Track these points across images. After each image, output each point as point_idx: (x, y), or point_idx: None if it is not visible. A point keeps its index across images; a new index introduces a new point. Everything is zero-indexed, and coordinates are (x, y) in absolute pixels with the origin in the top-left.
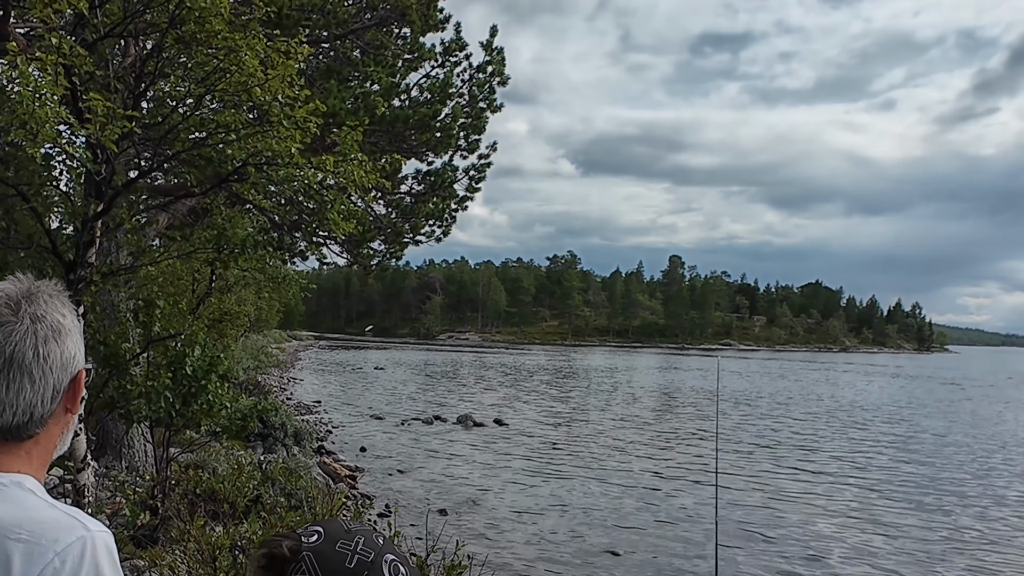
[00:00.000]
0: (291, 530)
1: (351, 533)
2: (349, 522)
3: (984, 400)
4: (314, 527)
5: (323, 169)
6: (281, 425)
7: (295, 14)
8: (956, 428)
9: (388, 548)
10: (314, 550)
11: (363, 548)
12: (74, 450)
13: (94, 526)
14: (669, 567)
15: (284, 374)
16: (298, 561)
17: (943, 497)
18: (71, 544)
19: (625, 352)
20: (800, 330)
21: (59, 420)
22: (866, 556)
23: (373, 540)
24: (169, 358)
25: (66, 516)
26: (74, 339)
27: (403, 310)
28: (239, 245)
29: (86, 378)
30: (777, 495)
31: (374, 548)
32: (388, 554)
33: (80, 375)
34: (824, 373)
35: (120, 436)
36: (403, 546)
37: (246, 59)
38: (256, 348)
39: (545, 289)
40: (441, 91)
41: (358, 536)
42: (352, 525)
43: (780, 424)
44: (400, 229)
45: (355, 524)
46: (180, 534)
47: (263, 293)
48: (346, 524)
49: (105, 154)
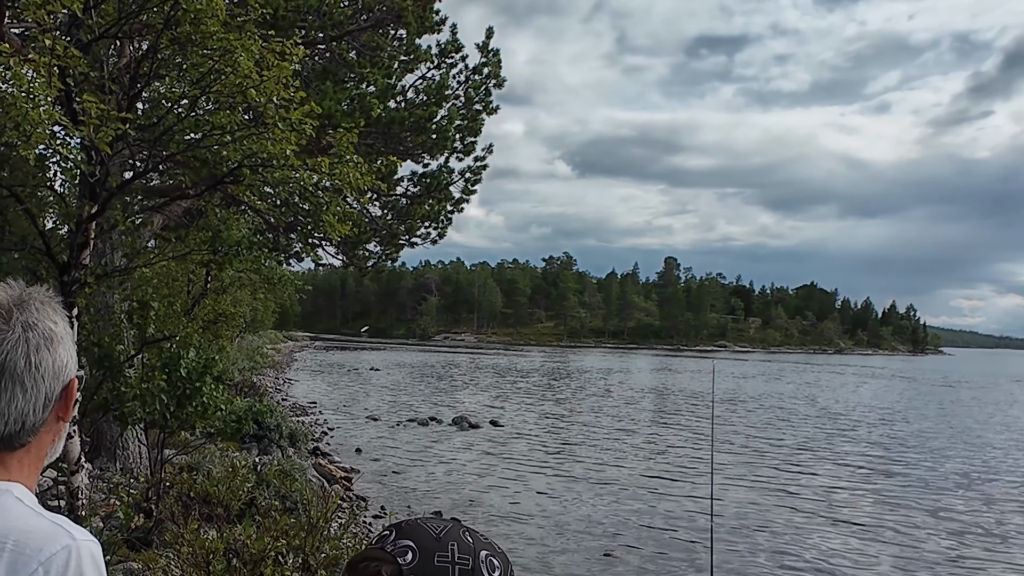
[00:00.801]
0: (378, 548)
1: (442, 541)
2: (431, 522)
3: (979, 402)
4: (403, 541)
5: (318, 171)
6: (276, 427)
7: (291, 15)
8: (952, 431)
9: (480, 544)
10: (414, 570)
11: (461, 556)
12: (68, 452)
13: (80, 535)
14: (666, 570)
15: (280, 375)
16: None
17: (938, 499)
18: (56, 553)
19: (620, 353)
20: (795, 332)
21: (51, 428)
22: (862, 559)
23: (465, 542)
24: (164, 360)
25: (52, 525)
26: (66, 347)
27: (399, 311)
28: (234, 246)
29: (78, 385)
30: (773, 498)
31: (470, 552)
32: (482, 551)
33: (72, 383)
34: (819, 375)
35: (115, 438)
36: None
37: (241, 60)
38: (252, 349)
39: (541, 290)
40: (437, 93)
41: (451, 543)
42: (438, 528)
43: (776, 427)
44: (395, 231)
45: (438, 523)
46: (174, 537)
47: (259, 294)
48: (432, 528)
49: (99, 156)
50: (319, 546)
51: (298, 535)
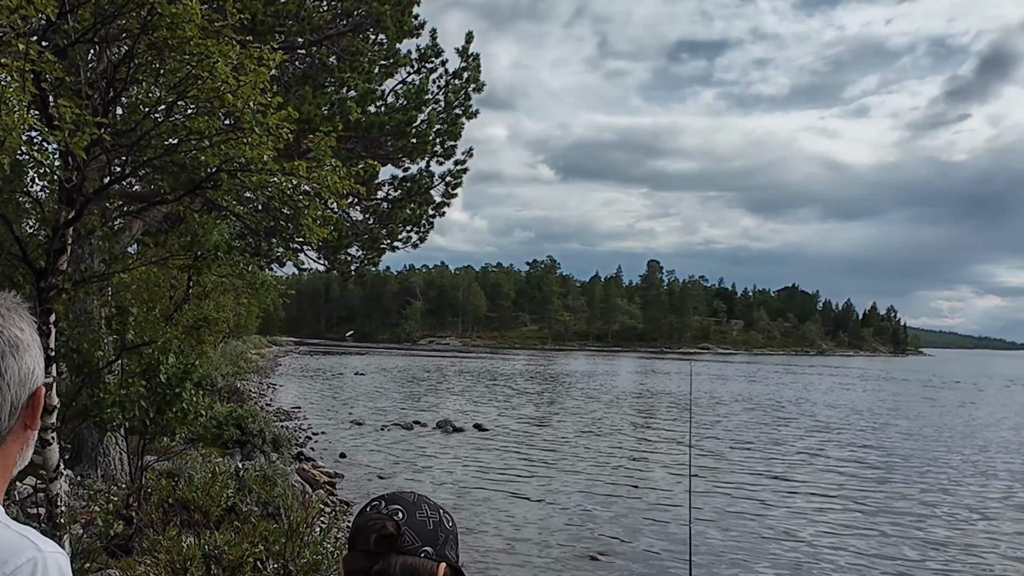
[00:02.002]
0: (375, 512)
1: (417, 503)
2: (404, 492)
3: (961, 404)
4: (392, 506)
5: (296, 175)
6: (259, 432)
7: (269, 20)
8: (935, 431)
9: (437, 504)
10: (406, 523)
11: (431, 511)
12: (46, 460)
13: (47, 546)
14: (649, 571)
15: (263, 380)
16: (401, 535)
17: (921, 499)
18: (21, 566)
19: (604, 356)
20: (777, 334)
21: (18, 437)
22: (841, 557)
23: (430, 502)
24: (143, 366)
25: (17, 536)
26: (32, 354)
27: (383, 315)
28: (212, 251)
29: (47, 392)
30: (751, 498)
31: (436, 509)
32: (440, 508)
33: (39, 391)
34: (801, 377)
35: (95, 444)
36: None
37: (218, 66)
38: (235, 354)
39: (525, 294)
40: (417, 97)
41: (423, 503)
42: (410, 495)
43: (756, 428)
44: (377, 235)
45: (408, 493)
46: (153, 544)
47: (242, 299)
48: (407, 496)
49: (76, 161)
50: (299, 551)
51: (278, 541)
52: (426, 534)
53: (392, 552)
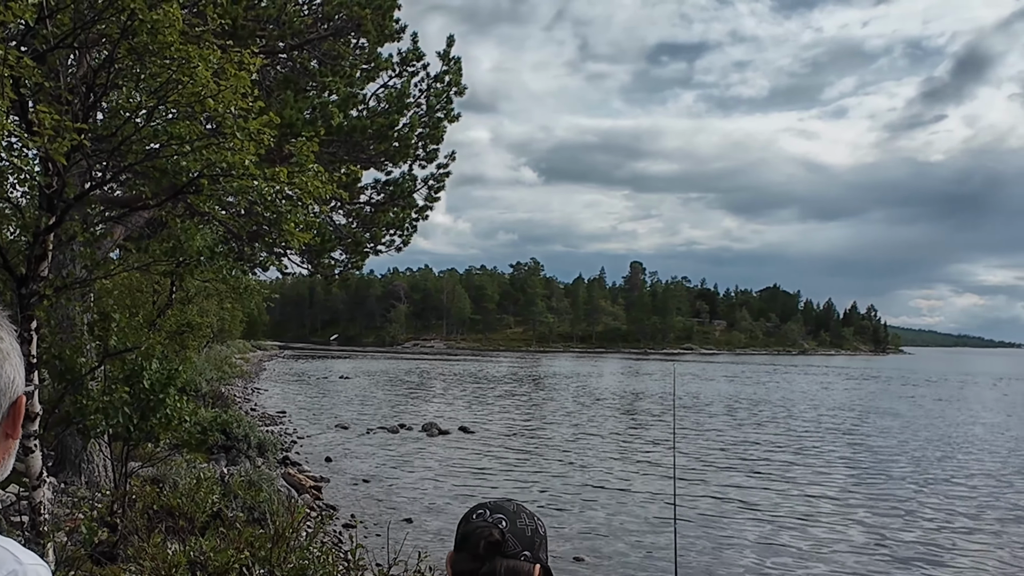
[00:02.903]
0: (481, 520)
1: (517, 512)
2: (504, 501)
3: (941, 401)
4: (497, 515)
5: (277, 180)
6: (244, 437)
7: (250, 25)
8: (918, 428)
9: (532, 512)
10: (509, 530)
11: (528, 519)
12: (29, 467)
13: (27, 559)
14: (634, 571)
15: (248, 385)
16: (505, 542)
17: (905, 497)
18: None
19: (589, 358)
20: (760, 333)
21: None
22: (823, 556)
23: (527, 511)
24: (126, 372)
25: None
26: (12, 363)
27: (368, 319)
28: (196, 256)
29: (27, 399)
30: (736, 498)
31: (532, 517)
32: (535, 517)
33: (20, 400)
34: (784, 376)
35: (79, 451)
36: (365, 558)
37: (199, 70)
38: (220, 359)
39: (509, 296)
40: (398, 101)
41: (521, 512)
42: (510, 505)
43: (740, 428)
44: (360, 239)
45: (507, 502)
46: (138, 551)
47: (226, 304)
48: (507, 504)
49: (56, 167)
50: (286, 557)
51: (263, 546)
52: (525, 540)
53: (497, 556)
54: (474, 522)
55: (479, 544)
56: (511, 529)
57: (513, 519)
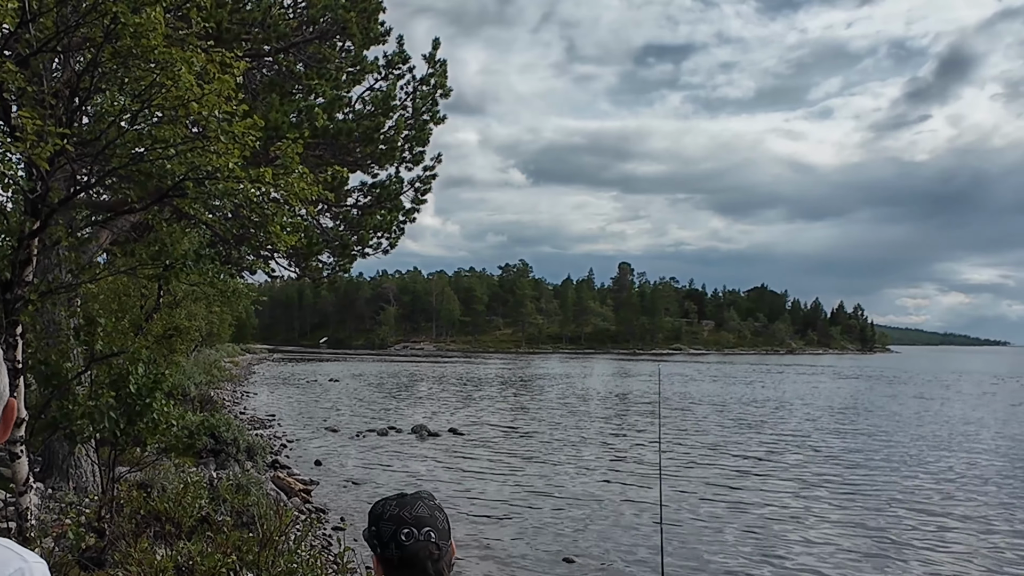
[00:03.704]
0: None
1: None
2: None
3: (931, 399)
4: (424, 528)
5: (263, 182)
6: (233, 440)
7: (235, 28)
8: (906, 426)
9: (433, 501)
10: (439, 538)
11: (439, 514)
12: (16, 473)
13: (31, 557)
14: (621, 571)
15: (237, 388)
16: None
17: (893, 495)
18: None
19: (578, 359)
20: (748, 333)
21: None
22: (812, 557)
23: (429, 501)
24: (113, 376)
25: (3, 549)
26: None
27: (357, 321)
28: (182, 260)
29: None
30: (722, 498)
31: (438, 509)
32: (436, 502)
33: (11, 404)
34: (772, 375)
35: (65, 456)
36: (355, 560)
37: (182, 74)
38: (208, 362)
39: (498, 298)
40: (384, 104)
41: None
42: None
43: (727, 428)
44: (348, 242)
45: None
46: (125, 556)
47: (213, 307)
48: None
49: (39, 171)
50: (274, 560)
51: (251, 550)
52: (446, 533)
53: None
54: (411, 546)
55: (426, 565)
56: (439, 537)
57: (434, 523)
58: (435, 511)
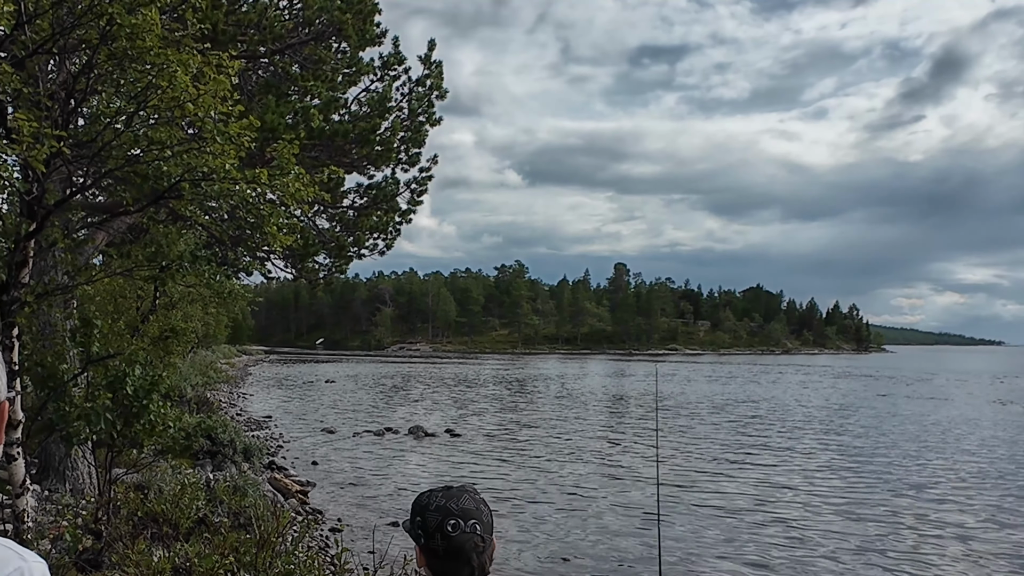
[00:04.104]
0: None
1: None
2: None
3: (929, 399)
4: (471, 521)
5: (258, 183)
6: (230, 442)
7: (231, 29)
8: (902, 427)
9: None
10: (484, 531)
11: (484, 507)
12: (12, 475)
13: (30, 557)
14: (619, 571)
15: (234, 389)
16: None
17: (888, 495)
18: (9, 575)
19: (574, 359)
20: (743, 333)
21: None
22: (806, 555)
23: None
24: (109, 378)
25: (2, 548)
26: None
27: (353, 322)
28: (178, 261)
29: (10, 405)
30: (720, 498)
31: (483, 503)
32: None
33: (3, 406)
34: (768, 375)
35: (62, 458)
36: (352, 562)
37: (178, 75)
38: (204, 364)
39: (494, 299)
40: (380, 105)
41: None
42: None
43: (725, 428)
44: (344, 243)
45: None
46: (121, 559)
47: (210, 308)
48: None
49: (35, 173)
50: (272, 562)
51: (249, 551)
52: (490, 527)
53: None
54: (457, 537)
55: (471, 557)
56: (484, 530)
57: (480, 516)
58: (480, 504)
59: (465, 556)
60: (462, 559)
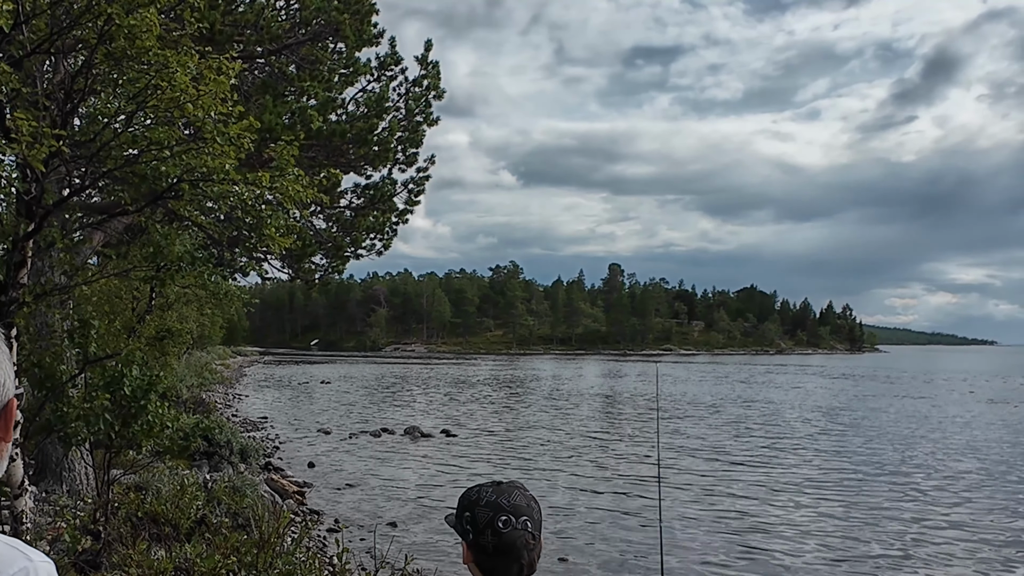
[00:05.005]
0: (512, 528)
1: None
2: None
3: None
4: (522, 518)
5: (258, 184)
6: (227, 443)
7: (228, 30)
8: (896, 426)
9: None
10: (535, 528)
11: (534, 504)
12: (11, 476)
13: (36, 556)
14: (619, 572)
15: (229, 391)
16: (537, 541)
17: (886, 495)
18: (14, 575)
19: (569, 360)
20: (737, 334)
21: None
22: (806, 554)
23: (526, 492)
24: (107, 379)
25: (7, 547)
26: (3, 367)
27: (348, 323)
28: (175, 262)
29: (18, 404)
30: (721, 498)
31: (533, 499)
32: (531, 493)
33: (11, 403)
34: (763, 375)
35: (60, 459)
36: (351, 562)
37: (177, 75)
38: (200, 365)
39: (489, 299)
40: (377, 105)
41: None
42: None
43: (723, 428)
44: (341, 243)
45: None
46: (122, 559)
47: (205, 309)
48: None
49: (34, 173)
50: (272, 562)
51: (249, 552)
52: (539, 524)
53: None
54: (509, 533)
55: (522, 554)
56: (534, 527)
57: (531, 513)
58: (531, 501)
59: (516, 553)
60: (512, 556)
